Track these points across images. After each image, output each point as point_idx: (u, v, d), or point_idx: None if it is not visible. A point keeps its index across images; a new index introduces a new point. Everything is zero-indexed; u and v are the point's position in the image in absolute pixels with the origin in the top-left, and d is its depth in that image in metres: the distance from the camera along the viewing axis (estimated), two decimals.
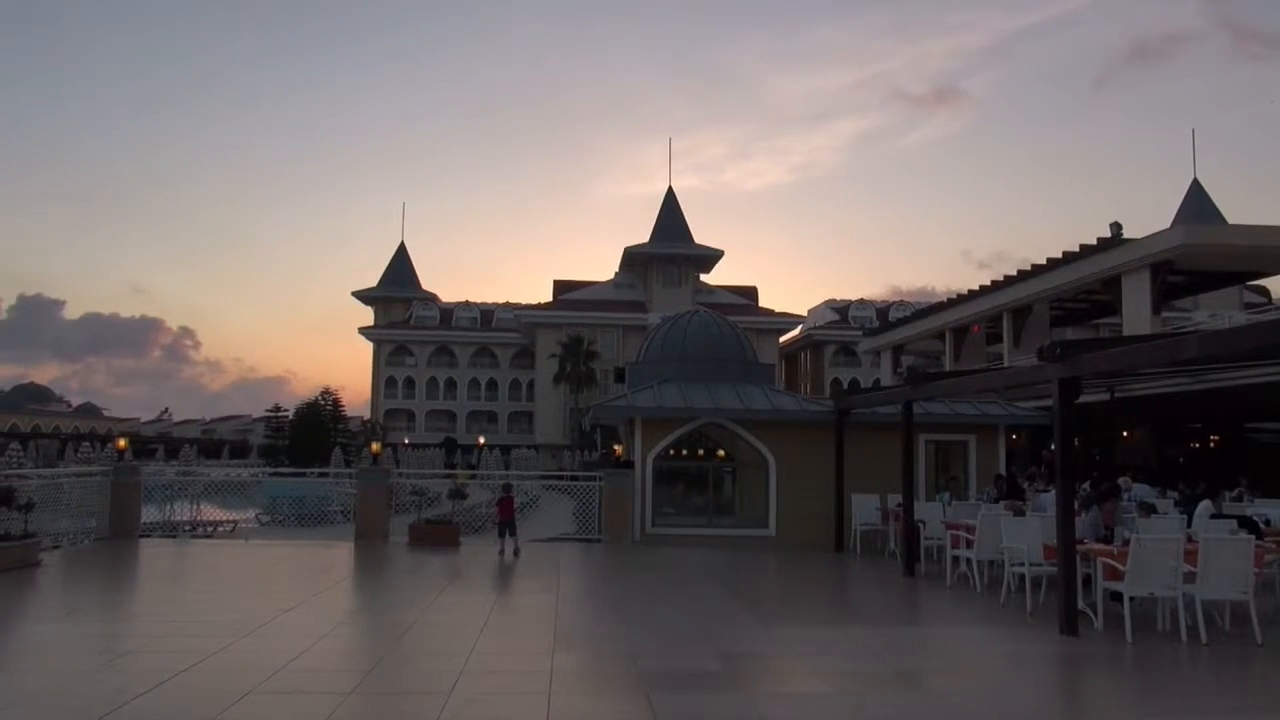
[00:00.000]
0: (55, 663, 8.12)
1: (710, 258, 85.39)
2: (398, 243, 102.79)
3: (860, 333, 67.45)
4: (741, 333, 23.69)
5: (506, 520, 16.11)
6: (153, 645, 8.67)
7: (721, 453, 19.81)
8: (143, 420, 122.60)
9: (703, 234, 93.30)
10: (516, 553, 15.82)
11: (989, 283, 38.81)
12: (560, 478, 31.04)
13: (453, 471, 32.85)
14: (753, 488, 19.46)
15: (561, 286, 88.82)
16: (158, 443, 62.76)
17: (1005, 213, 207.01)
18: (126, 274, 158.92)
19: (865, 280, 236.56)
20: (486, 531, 22.42)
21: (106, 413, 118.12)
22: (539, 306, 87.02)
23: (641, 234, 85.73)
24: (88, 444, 34.83)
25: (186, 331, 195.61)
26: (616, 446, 19.71)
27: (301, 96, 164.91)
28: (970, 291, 40.39)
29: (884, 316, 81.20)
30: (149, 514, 18.46)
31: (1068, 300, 36.62)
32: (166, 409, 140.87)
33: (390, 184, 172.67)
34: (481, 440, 70.04)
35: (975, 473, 19.34)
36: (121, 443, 19.26)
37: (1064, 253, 33.56)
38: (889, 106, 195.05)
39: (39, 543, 13.60)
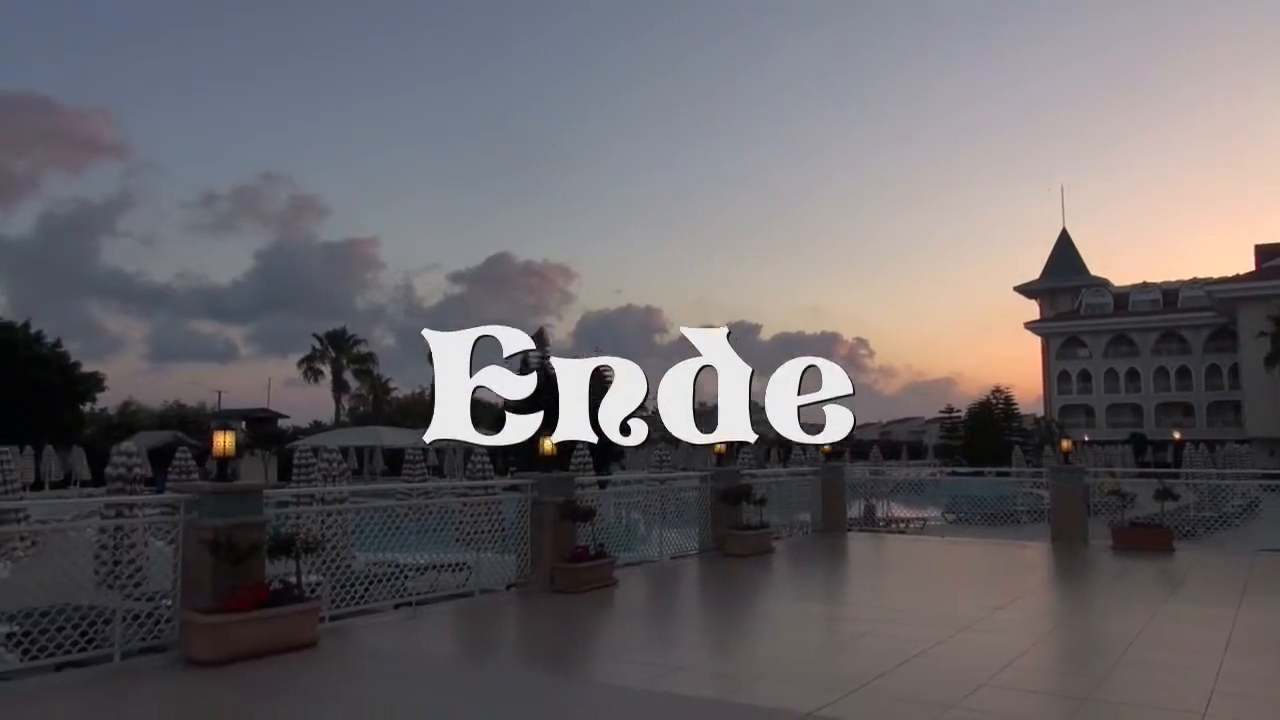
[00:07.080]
0: (799, 638, 9.42)
1: None
2: (1059, 230, 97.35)
3: None
4: None
5: None
6: (876, 630, 9.39)
7: None
8: None
9: None
10: None
11: None
12: None
13: (1138, 470, 30.08)
14: None
15: (1266, 252, 75.52)
16: (845, 445, 68.62)
17: None
18: (807, 297, 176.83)
19: None
20: (1199, 537, 20.05)
21: None
22: (1238, 278, 75.04)
23: None
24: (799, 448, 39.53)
25: (860, 342, 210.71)
26: None
27: (948, 105, 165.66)
28: None
29: None
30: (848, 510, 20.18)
31: None
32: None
33: (1044, 169, 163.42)
34: (1178, 435, 62.39)
35: None
36: (825, 448, 21.32)
37: None
38: None
39: (772, 533, 15.79)
